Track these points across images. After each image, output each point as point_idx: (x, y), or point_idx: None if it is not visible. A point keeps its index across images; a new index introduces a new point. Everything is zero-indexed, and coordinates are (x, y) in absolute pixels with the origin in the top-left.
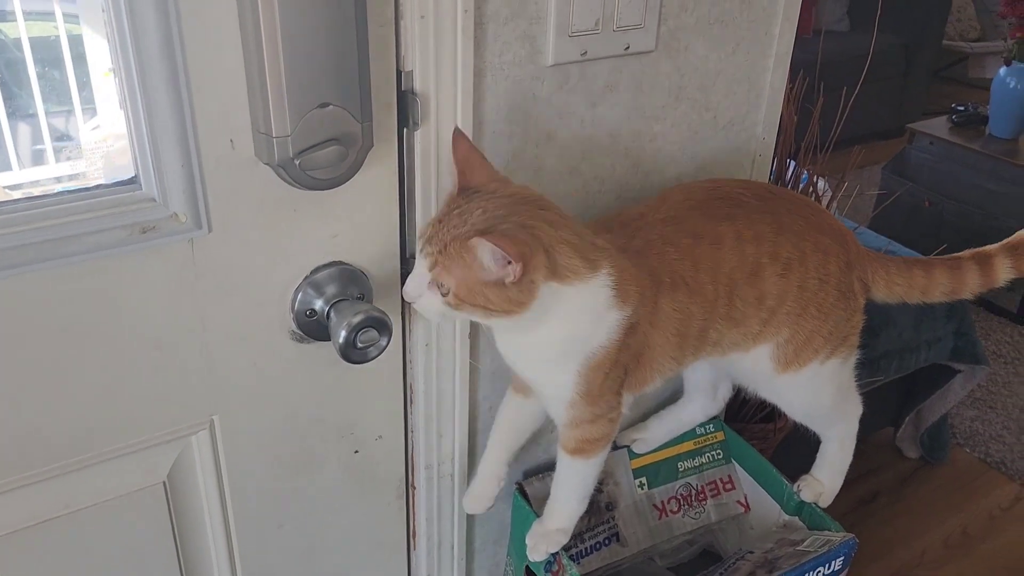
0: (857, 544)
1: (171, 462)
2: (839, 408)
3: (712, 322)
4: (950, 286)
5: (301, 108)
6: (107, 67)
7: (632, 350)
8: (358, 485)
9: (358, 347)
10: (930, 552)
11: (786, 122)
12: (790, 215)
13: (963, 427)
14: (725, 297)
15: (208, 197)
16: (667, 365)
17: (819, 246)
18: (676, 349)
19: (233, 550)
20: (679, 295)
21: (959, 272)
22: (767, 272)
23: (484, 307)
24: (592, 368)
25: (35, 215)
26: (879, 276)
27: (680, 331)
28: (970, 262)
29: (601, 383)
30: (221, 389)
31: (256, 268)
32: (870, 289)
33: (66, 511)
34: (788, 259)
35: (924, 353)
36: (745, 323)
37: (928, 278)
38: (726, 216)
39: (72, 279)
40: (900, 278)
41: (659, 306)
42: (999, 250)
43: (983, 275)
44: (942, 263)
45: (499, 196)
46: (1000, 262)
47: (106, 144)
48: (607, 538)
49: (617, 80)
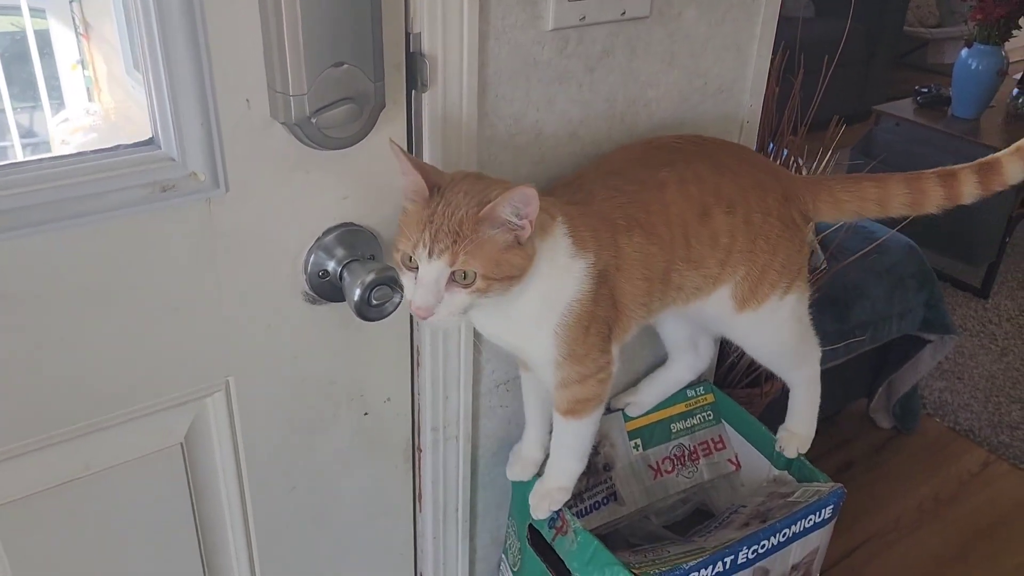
0: (845, 493)
1: (188, 424)
2: (800, 349)
3: (673, 264)
4: (910, 197)
5: (317, 66)
6: (75, 60)
7: (606, 299)
8: (367, 447)
9: (373, 304)
10: (904, 517)
11: (768, 97)
12: (724, 155)
13: (933, 397)
14: (681, 239)
15: (225, 156)
16: (639, 312)
17: (756, 182)
18: (644, 295)
19: (247, 511)
20: (636, 236)
21: (919, 183)
22: (714, 211)
23: (509, 276)
24: (571, 325)
25: (56, 173)
26: (823, 198)
27: (645, 275)
28: (932, 175)
29: (583, 339)
30: (236, 351)
31: (270, 229)
32: (811, 219)
33: (87, 472)
34: (731, 197)
35: (896, 324)
36: (704, 264)
37: (882, 189)
38: (666, 162)
39: (94, 238)
40: (847, 194)
41: (620, 248)
42: (966, 168)
43: (946, 188)
44: (900, 175)
45: (463, 181)
46: (967, 177)
47: (74, 138)
48: (605, 497)
49: (613, 45)
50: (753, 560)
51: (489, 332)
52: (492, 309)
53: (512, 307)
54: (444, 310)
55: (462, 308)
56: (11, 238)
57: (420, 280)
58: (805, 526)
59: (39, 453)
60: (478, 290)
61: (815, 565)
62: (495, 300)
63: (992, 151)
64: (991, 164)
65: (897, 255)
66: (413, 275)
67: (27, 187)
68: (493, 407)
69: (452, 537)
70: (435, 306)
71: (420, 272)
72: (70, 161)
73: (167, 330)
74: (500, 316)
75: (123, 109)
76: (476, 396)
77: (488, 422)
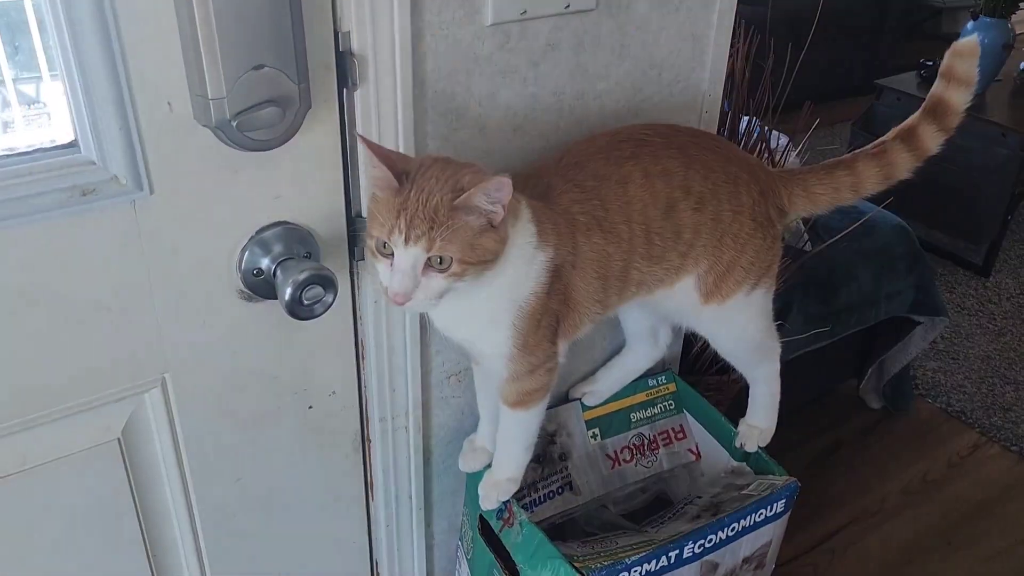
0: (799, 487)
1: (124, 419)
2: (764, 344)
3: (632, 262)
4: (882, 172)
5: (236, 70)
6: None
7: (559, 295)
8: (314, 439)
9: (304, 304)
10: (890, 499)
11: (739, 78)
12: (698, 148)
13: (926, 378)
14: (642, 236)
15: (148, 159)
16: (593, 309)
17: (729, 177)
18: (600, 292)
19: (191, 504)
20: (594, 236)
21: (886, 156)
22: (681, 206)
23: (482, 260)
24: (526, 317)
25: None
26: (797, 193)
27: (600, 273)
28: (894, 142)
29: (535, 331)
30: (171, 348)
31: (200, 229)
32: (787, 213)
33: (24, 467)
34: (700, 192)
35: (884, 306)
36: (665, 259)
37: (854, 174)
38: (631, 156)
39: (17, 242)
40: (821, 186)
41: (578, 247)
42: (919, 119)
43: (912, 148)
44: (864, 154)
45: (432, 167)
46: (925, 129)
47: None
48: (560, 487)
49: (559, 39)
50: (700, 554)
51: (443, 324)
52: (454, 301)
53: (476, 296)
54: (421, 295)
55: (439, 292)
56: None
57: (396, 266)
58: (756, 520)
59: None
60: (454, 274)
61: (768, 557)
62: (466, 286)
63: (998, 128)
64: (937, 106)
65: (886, 236)
66: (388, 261)
67: None
68: (445, 397)
69: (406, 525)
70: (412, 291)
71: (396, 258)
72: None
73: (98, 328)
74: (461, 308)
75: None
76: (426, 387)
77: (441, 412)
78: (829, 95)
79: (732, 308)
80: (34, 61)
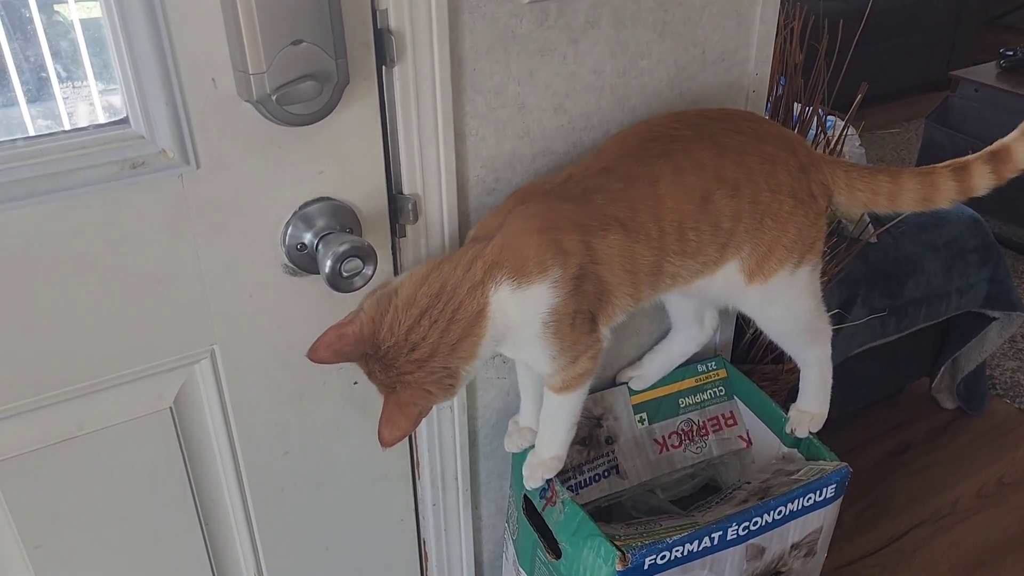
0: (850, 472)
1: (176, 389)
2: (813, 325)
3: (664, 258)
4: (921, 192)
5: (275, 45)
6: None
7: (589, 295)
8: (358, 415)
9: (344, 276)
10: (963, 501)
11: (791, 63)
12: (728, 134)
13: (1004, 378)
14: (674, 233)
15: (194, 134)
16: (625, 301)
17: (764, 157)
18: (630, 286)
19: (241, 474)
20: (612, 236)
21: (931, 178)
22: (716, 196)
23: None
24: (555, 326)
25: (30, 152)
26: (838, 178)
27: (627, 269)
28: (944, 169)
29: (570, 331)
30: (219, 320)
31: (246, 203)
32: (831, 192)
33: (80, 432)
34: (734, 179)
35: (955, 300)
36: (701, 252)
37: (895, 184)
38: (661, 153)
39: (73, 212)
40: (861, 183)
41: (594, 248)
42: (977, 158)
43: (959, 182)
44: (912, 170)
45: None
46: (978, 169)
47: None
48: (606, 470)
49: (598, 16)
50: (744, 537)
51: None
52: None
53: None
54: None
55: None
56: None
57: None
58: (804, 504)
59: (34, 413)
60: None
61: (819, 545)
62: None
63: None
64: (999, 152)
65: (958, 227)
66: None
67: (3, 165)
68: (490, 378)
69: (452, 505)
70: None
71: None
72: (43, 140)
73: (150, 299)
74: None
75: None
76: None
77: (485, 393)
78: (905, 91)
79: (776, 288)
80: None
